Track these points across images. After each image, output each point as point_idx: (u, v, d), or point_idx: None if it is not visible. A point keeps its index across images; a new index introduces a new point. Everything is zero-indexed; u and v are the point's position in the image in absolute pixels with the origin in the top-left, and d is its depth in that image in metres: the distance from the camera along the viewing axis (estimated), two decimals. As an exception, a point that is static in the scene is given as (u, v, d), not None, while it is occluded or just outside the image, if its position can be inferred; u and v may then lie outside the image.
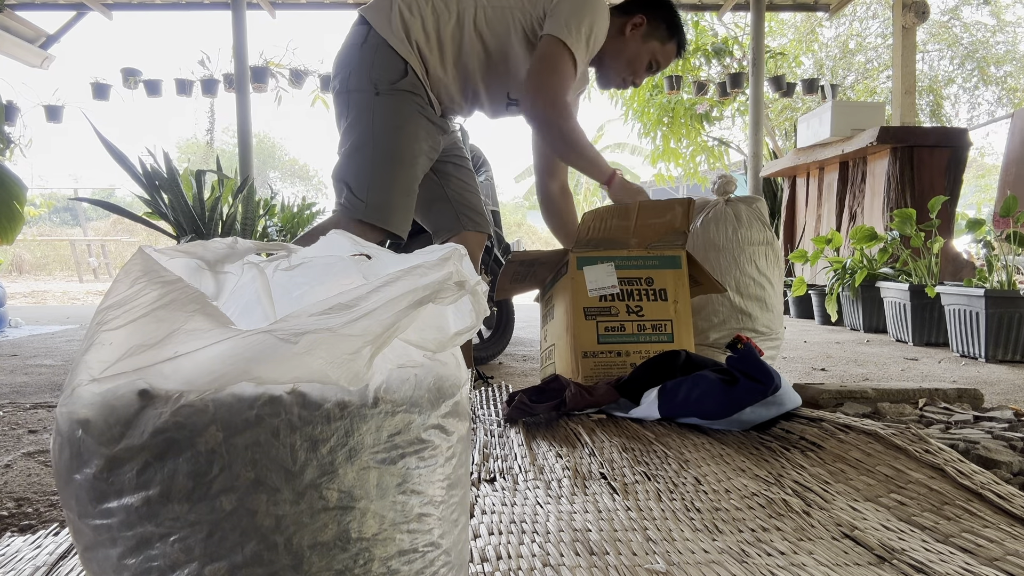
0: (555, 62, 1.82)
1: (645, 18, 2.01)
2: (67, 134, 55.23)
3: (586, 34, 1.84)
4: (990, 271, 3.00)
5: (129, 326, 0.49)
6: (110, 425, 0.49)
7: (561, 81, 1.82)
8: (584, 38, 1.84)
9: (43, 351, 3.19)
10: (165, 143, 27.14)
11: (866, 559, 0.86)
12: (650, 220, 2.00)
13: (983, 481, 1.07)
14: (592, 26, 1.85)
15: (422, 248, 0.66)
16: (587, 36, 1.85)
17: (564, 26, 1.81)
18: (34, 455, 1.43)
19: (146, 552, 0.48)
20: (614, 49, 2.02)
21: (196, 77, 6.76)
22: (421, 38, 1.86)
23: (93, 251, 12.50)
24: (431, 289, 0.55)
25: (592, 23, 1.85)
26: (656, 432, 1.47)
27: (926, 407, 1.65)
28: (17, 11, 5.95)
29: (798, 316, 4.98)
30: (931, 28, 12.72)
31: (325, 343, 0.49)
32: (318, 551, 0.49)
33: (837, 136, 4.43)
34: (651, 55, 2.04)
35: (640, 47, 2.02)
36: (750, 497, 1.08)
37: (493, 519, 1.00)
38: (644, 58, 2.03)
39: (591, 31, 1.85)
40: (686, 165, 9.28)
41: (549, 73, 1.82)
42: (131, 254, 0.61)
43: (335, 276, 0.68)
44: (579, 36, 1.82)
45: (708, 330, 2.29)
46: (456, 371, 0.62)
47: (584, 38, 1.84)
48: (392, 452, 0.53)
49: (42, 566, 0.86)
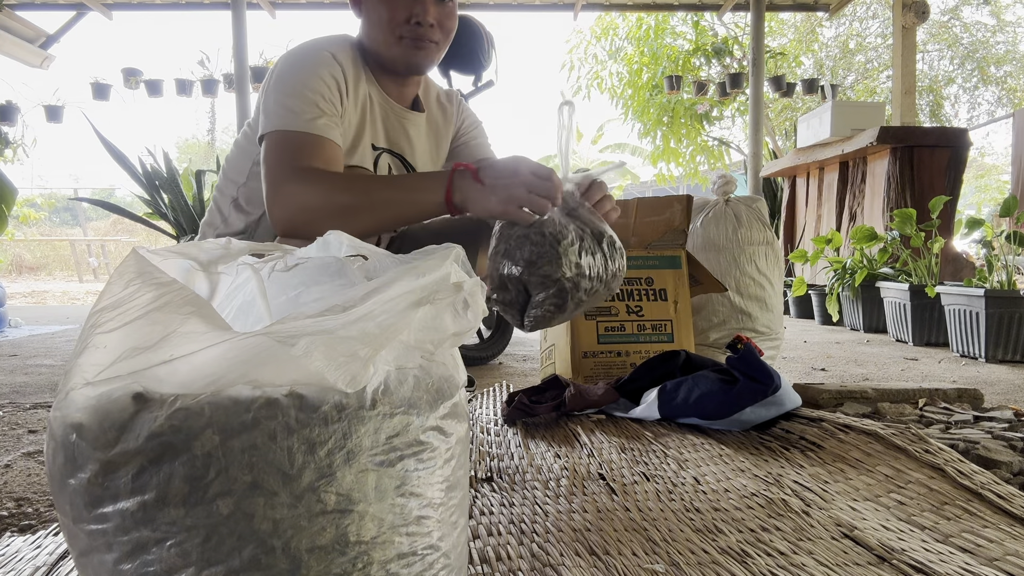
0: (267, 157, 1.33)
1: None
2: (67, 134, 55.30)
3: (293, 100, 1.33)
4: (990, 271, 3.00)
5: (124, 328, 0.49)
6: (104, 429, 0.48)
7: (281, 170, 1.29)
8: (293, 107, 1.33)
9: (43, 351, 3.19)
10: (165, 143, 27.13)
11: (866, 559, 0.85)
12: (649, 217, 2.00)
13: (983, 481, 1.06)
14: (295, 89, 1.34)
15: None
16: (297, 102, 1.33)
17: (265, 119, 1.36)
18: (34, 455, 1.43)
19: (142, 557, 0.48)
20: (367, 36, 1.48)
21: (196, 77, 6.77)
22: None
23: (93, 251, 12.50)
24: (429, 290, 0.55)
25: (295, 87, 1.35)
26: (655, 432, 1.47)
27: (926, 407, 1.65)
28: (17, 11, 5.95)
29: (798, 316, 4.97)
30: (931, 28, 12.72)
31: (323, 345, 0.49)
32: (316, 555, 0.49)
33: (837, 136, 4.43)
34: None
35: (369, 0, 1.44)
36: (750, 497, 1.08)
37: (492, 520, 1.00)
38: (380, 3, 1.42)
39: (296, 90, 1.34)
40: (686, 165, 9.29)
41: (267, 175, 1.32)
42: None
43: (331, 277, 0.67)
44: (283, 111, 1.33)
45: (708, 330, 2.29)
46: (454, 372, 0.62)
47: (293, 107, 1.33)
48: (390, 454, 0.53)
49: (42, 566, 0.86)
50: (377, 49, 1.48)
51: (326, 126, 1.34)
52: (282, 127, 1.33)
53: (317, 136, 1.32)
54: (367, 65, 1.51)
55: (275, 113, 1.35)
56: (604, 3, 6.27)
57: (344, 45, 1.47)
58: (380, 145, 1.54)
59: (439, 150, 1.67)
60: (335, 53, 1.42)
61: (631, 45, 9.04)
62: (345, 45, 1.48)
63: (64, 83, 7.59)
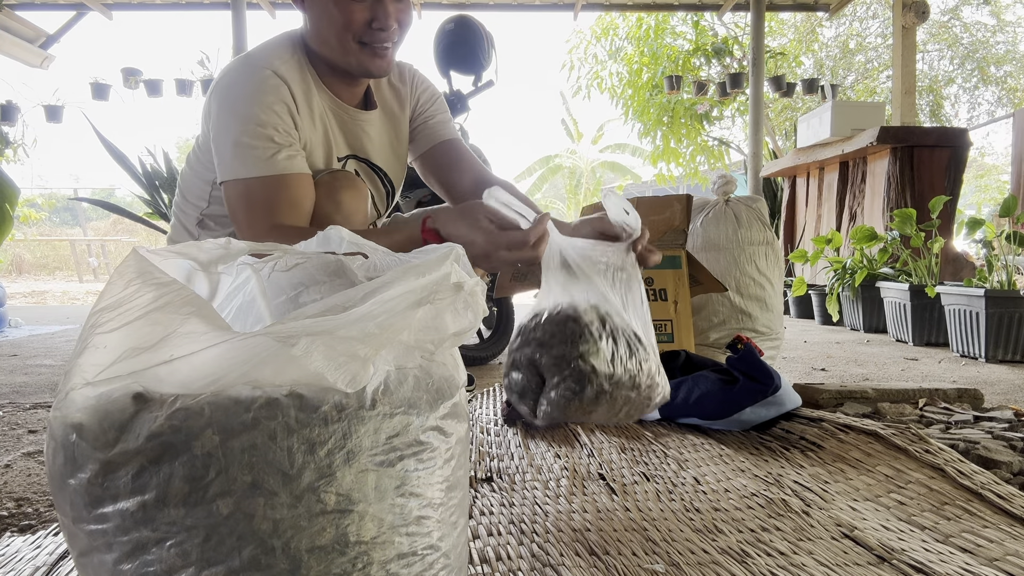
0: (235, 212, 1.31)
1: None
2: (67, 134, 55.31)
3: (246, 139, 1.28)
4: (990, 271, 3.00)
5: (124, 329, 0.49)
6: (104, 429, 0.48)
7: (252, 232, 1.28)
8: (248, 147, 1.28)
9: (43, 351, 3.19)
10: (165, 143, 27.11)
11: (866, 559, 0.85)
12: (649, 217, 2.00)
13: (983, 481, 1.06)
14: (245, 126, 1.28)
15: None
16: (250, 140, 1.28)
17: (220, 162, 1.32)
18: (34, 455, 1.43)
19: (142, 557, 0.48)
20: (315, 40, 1.37)
21: (196, 77, 6.76)
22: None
23: (93, 251, 12.50)
24: (429, 290, 0.55)
25: (245, 123, 1.28)
26: (655, 432, 1.47)
27: (926, 407, 1.65)
28: (17, 11, 5.95)
29: (798, 316, 4.97)
30: (931, 28, 12.72)
31: (323, 345, 0.49)
32: (316, 555, 0.49)
33: (837, 136, 4.43)
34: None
35: (318, 1, 1.33)
36: (750, 497, 1.08)
37: (492, 520, 1.00)
38: (332, 3, 1.30)
39: (246, 128, 1.28)
40: (686, 165, 9.29)
41: (239, 231, 1.32)
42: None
43: (331, 276, 0.67)
44: (240, 153, 1.28)
45: (708, 330, 2.29)
46: (454, 372, 0.61)
47: (248, 147, 1.28)
48: (390, 454, 0.53)
49: (42, 566, 0.86)
50: (330, 55, 1.37)
51: (287, 160, 1.30)
52: (243, 175, 1.28)
53: (279, 177, 1.28)
54: (314, 68, 1.41)
55: (232, 156, 1.29)
56: (604, 3, 6.27)
57: (286, 51, 1.37)
58: (343, 154, 1.49)
59: (399, 140, 1.59)
60: (277, 69, 1.32)
61: (631, 45, 9.04)
62: (287, 51, 1.38)
63: (64, 83, 7.59)
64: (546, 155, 20.23)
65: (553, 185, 22.10)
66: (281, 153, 1.29)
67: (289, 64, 1.36)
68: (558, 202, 21.38)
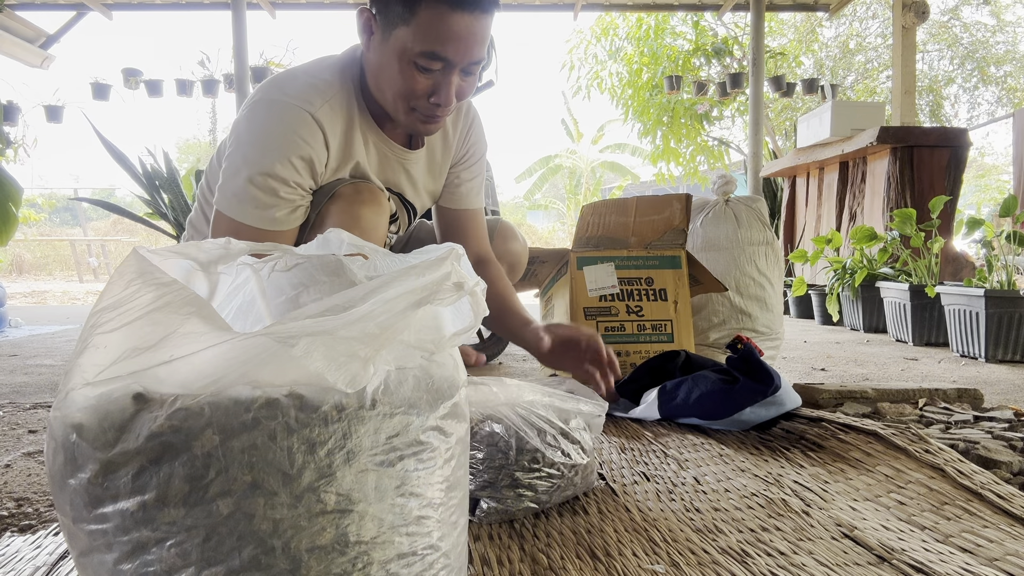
0: (216, 233, 1.33)
1: (370, 10, 1.28)
2: (67, 134, 55.31)
3: (257, 180, 1.28)
4: (990, 271, 3.00)
5: (124, 329, 0.49)
6: (104, 429, 0.48)
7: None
8: (253, 194, 1.28)
9: (43, 351, 3.19)
10: (165, 143, 27.12)
11: (866, 559, 0.85)
12: (649, 216, 2.00)
13: (983, 481, 1.07)
14: (261, 168, 1.28)
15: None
16: (256, 191, 1.28)
17: (223, 187, 1.34)
18: (34, 455, 1.43)
19: (142, 557, 0.48)
20: (371, 82, 1.35)
21: (197, 77, 6.77)
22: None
23: (93, 251, 12.50)
24: (429, 290, 0.55)
25: (261, 167, 1.28)
26: (655, 432, 1.47)
27: (926, 407, 1.65)
28: (17, 11, 5.95)
29: (798, 316, 4.97)
30: (931, 28, 12.72)
31: (323, 345, 0.49)
32: (316, 555, 0.49)
33: (837, 136, 4.43)
34: (402, 49, 1.23)
35: (384, 53, 1.27)
36: (750, 497, 1.08)
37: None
38: (397, 63, 1.25)
39: (262, 169, 1.28)
40: (686, 165, 9.29)
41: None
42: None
43: (331, 277, 0.67)
44: (244, 194, 1.29)
45: (708, 330, 2.29)
46: (454, 372, 0.62)
47: (253, 194, 1.28)
48: (390, 454, 0.53)
49: (42, 566, 0.86)
50: (381, 102, 1.35)
51: (286, 216, 1.32)
52: (239, 218, 1.30)
53: (271, 232, 1.31)
54: (364, 102, 1.38)
55: (233, 194, 1.30)
56: (604, 3, 6.27)
57: (335, 81, 1.34)
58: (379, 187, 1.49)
59: (435, 181, 1.60)
60: (316, 112, 1.30)
61: (631, 45, 9.05)
62: (336, 79, 1.35)
63: (64, 83, 7.60)
64: (546, 155, 20.24)
65: (553, 185, 22.11)
66: (281, 210, 1.31)
67: (333, 101, 1.33)
68: (558, 202, 21.39)
